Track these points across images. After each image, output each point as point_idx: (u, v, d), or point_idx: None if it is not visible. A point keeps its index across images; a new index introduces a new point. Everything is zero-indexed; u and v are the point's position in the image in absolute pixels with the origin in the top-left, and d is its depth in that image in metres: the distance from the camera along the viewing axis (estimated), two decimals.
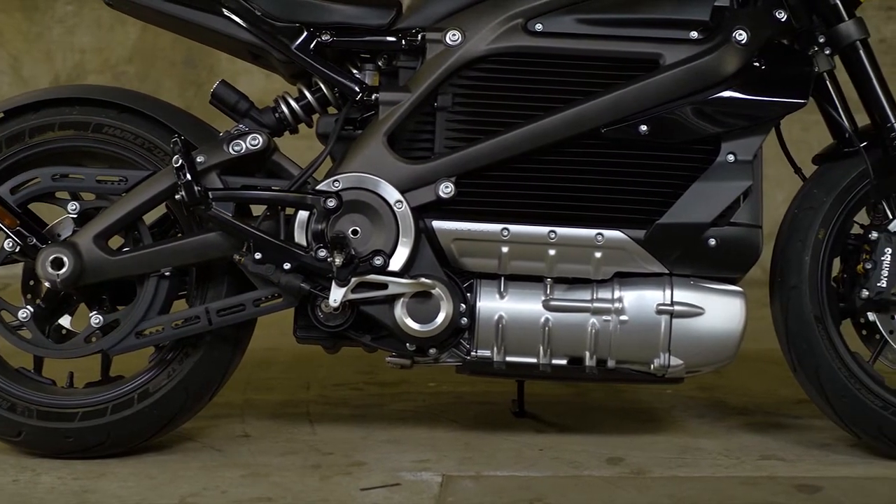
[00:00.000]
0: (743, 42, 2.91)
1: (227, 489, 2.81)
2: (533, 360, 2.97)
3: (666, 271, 2.95)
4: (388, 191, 2.92)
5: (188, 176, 2.86)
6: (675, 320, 2.93)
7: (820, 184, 3.05)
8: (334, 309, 2.91)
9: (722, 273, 2.97)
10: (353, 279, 2.89)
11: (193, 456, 3.01)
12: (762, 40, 2.94)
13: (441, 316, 2.92)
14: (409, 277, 2.91)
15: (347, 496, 2.77)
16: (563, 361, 2.98)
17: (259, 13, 2.98)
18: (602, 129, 2.91)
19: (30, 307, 2.98)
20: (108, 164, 3.00)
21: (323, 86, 3.04)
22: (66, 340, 3.02)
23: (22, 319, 2.97)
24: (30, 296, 3.03)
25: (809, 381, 3.02)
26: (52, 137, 2.99)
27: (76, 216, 2.98)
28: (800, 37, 3.02)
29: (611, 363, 2.97)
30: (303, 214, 2.93)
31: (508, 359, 2.97)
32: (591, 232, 2.93)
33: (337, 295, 2.89)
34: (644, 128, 2.91)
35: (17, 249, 2.95)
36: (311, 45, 2.98)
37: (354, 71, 3.03)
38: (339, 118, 2.99)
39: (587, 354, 2.96)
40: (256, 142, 2.95)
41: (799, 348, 3.01)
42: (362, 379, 3.73)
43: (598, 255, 2.93)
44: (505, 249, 2.94)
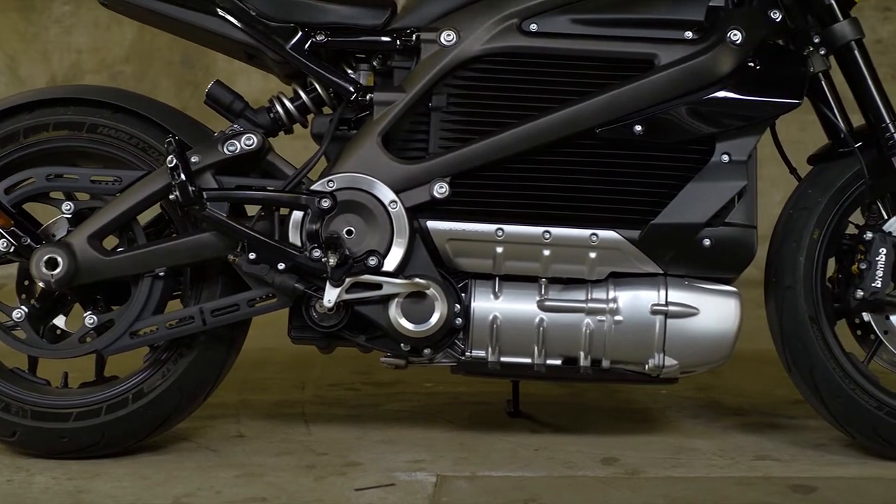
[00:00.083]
0: (738, 42, 2.91)
1: (221, 489, 2.80)
2: (527, 361, 2.97)
3: (660, 271, 2.95)
4: (383, 191, 2.92)
5: (182, 176, 2.86)
6: (669, 320, 2.93)
7: (815, 184, 3.05)
8: (329, 309, 2.90)
9: (716, 273, 2.97)
10: (347, 279, 2.89)
11: (188, 456, 3.01)
12: (757, 40, 2.94)
13: (435, 316, 2.92)
14: (404, 278, 2.91)
15: (342, 496, 2.77)
16: (558, 362, 2.98)
17: (254, 13, 2.98)
18: (597, 129, 2.91)
19: (24, 307, 2.98)
20: (102, 165, 3.00)
21: (317, 86, 3.04)
22: (61, 340, 3.02)
23: (16, 319, 2.97)
24: (24, 296, 3.03)
25: (804, 381, 3.02)
26: (47, 137, 2.99)
27: (70, 216, 2.98)
28: (795, 37, 3.02)
29: (605, 363, 2.97)
30: (297, 215, 2.93)
31: (503, 359, 2.97)
32: (585, 232, 2.93)
33: (331, 295, 2.89)
34: (639, 128, 2.91)
35: (12, 250, 2.95)
36: (306, 46, 2.98)
37: (349, 71, 3.03)
38: (333, 118, 2.99)
39: (582, 355, 2.96)
40: (251, 142, 2.95)
41: (794, 348, 3.01)
42: (358, 379, 3.72)
43: (592, 255, 2.93)
44: (499, 250, 2.94)
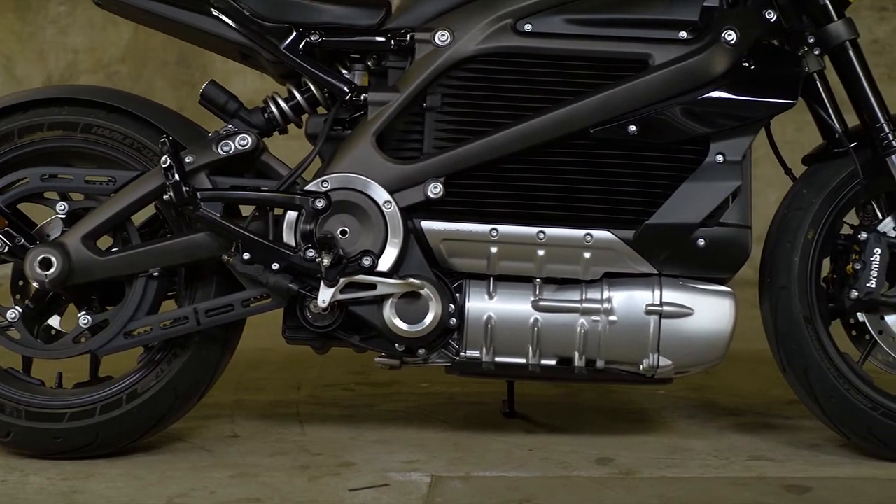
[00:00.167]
0: (732, 42, 2.91)
1: (215, 489, 2.80)
2: (522, 361, 2.97)
3: (655, 272, 2.95)
4: (377, 191, 2.92)
5: (176, 176, 2.86)
6: (664, 321, 2.93)
7: (809, 184, 3.05)
8: (323, 309, 2.90)
9: (711, 273, 2.97)
10: (341, 280, 2.89)
11: (182, 456, 3.01)
12: (751, 40, 2.94)
13: (430, 316, 2.92)
14: (398, 278, 2.91)
15: (336, 497, 2.77)
16: (553, 362, 2.98)
17: (248, 13, 2.97)
18: (591, 129, 2.91)
19: (18, 307, 2.98)
20: (96, 165, 3.00)
21: (312, 86, 3.04)
22: (55, 341, 3.02)
23: (10, 320, 2.97)
24: (19, 296, 3.02)
25: (799, 381, 3.02)
26: (41, 138, 2.99)
27: (65, 216, 2.97)
28: (789, 37, 3.02)
29: (600, 364, 2.97)
30: (291, 215, 2.93)
31: (497, 359, 2.97)
32: (579, 232, 2.92)
33: (325, 295, 2.89)
34: (633, 128, 2.91)
35: (6, 250, 2.95)
36: (301, 46, 2.98)
37: (344, 71, 3.03)
38: (328, 118, 2.99)
39: (576, 355, 2.96)
40: (245, 142, 2.95)
41: (788, 349, 3.01)
42: (353, 379, 3.72)
43: (587, 255, 2.93)
44: (494, 250, 2.94)
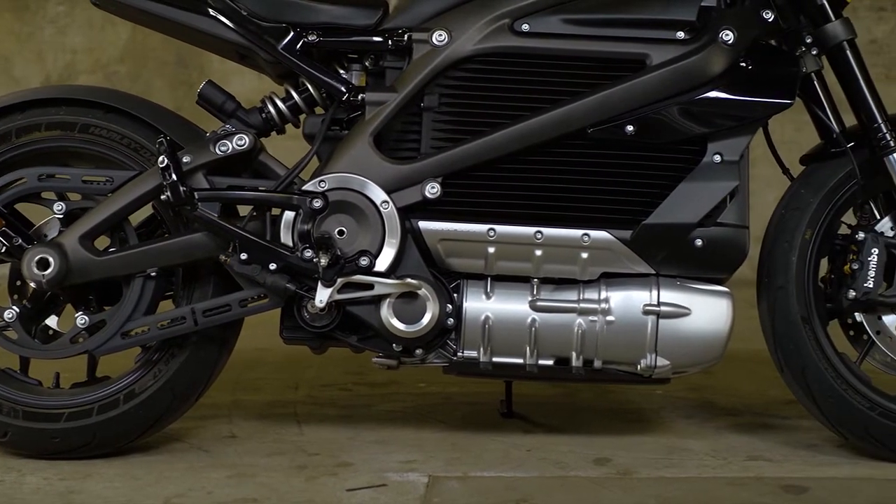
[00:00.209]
0: (730, 42, 2.91)
1: (212, 490, 2.80)
2: (519, 361, 2.97)
3: (652, 272, 2.95)
4: (375, 191, 2.92)
5: (174, 176, 2.86)
6: (661, 321, 2.93)
7: (807, 184, 3.05)
8: (320, 309, 2.90)
9: (708, 273, 2.97)
10: (338, 280, 2.89)
11: (179, 457, 3.01)
12: (749, 40, 2.94)
13: (427, 316, 2.91)
14: (396, 278, 2.91)
15: (333, 497, 2.77)
16: (550, 362, 2.98)
17: (245, 13, 2.97)
18: (588, 129, 2.91)
19: (16, 307, 2.98)
20: (94, 165, 3.00)
21: (309, 86, 3.04)
22: (53, 341, 3.02)
23: (8, 320, 2.97)
24: (16, 296, 3.02)
25: (796, 381, 3.02)
26: (39, 138, 2.99)
27: (62, 216, 2.97)
28: (787, 37, 3.02)
29: (597, 364, 2.97)
30: (289, 215, 2.93)
31: (495, 359, 2.97)
32: (577, 232, 2.92)
33: (323, 295, 2.89)
34: (630, 128, 2.91)
35: (3, 250, 2.94)
36: (298, 46, 2.98)
37: (341, 71, 3.03)
38: (325, 118, 2.98)
39: (574, 355, 2.96)
40: (243, 142, 2.95)
41: (786, 349, 3.01)
42: (351, 379, 3.72)
43: (584, 255, 2.93)
44: (491, 250, 2.93)
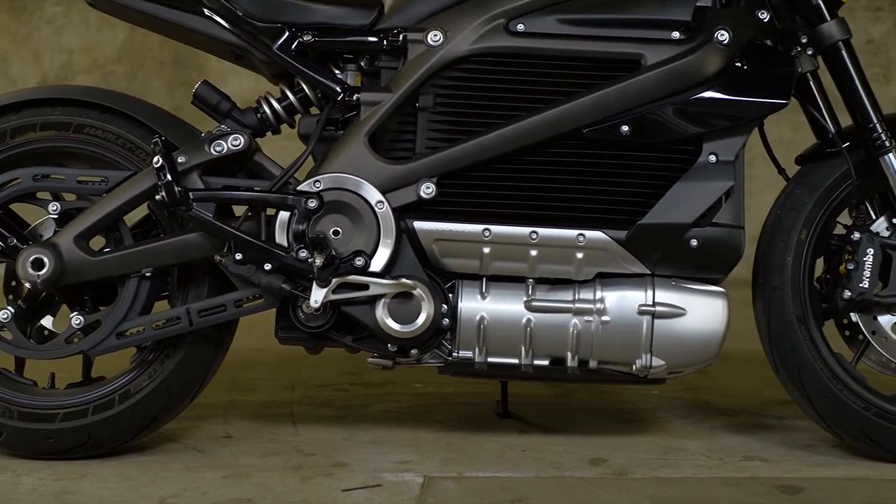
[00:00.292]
0: (725, 42, 2.90)
1: (207, 490, 2.80)
2: (515, 361, 2.97)
3: (648, 272, 2.94)
4: (370, 191, 2.91)
5: (169, 176, 2.86)
6: (656, 321, 2.93)
7: (802, 184, 3.05)
8: (315, 310, 2.90)
9: (704, 274, 2.97)
10: (333, 280, 2.89)
11: (175, 457, 3.01)
12: (744, 40, 2.94)
13: (422, 317, 2.91)
14: (390, 278, 2.91)
15: (328, 497, 2.76)
16: (545, 362, 2.98)
17: (241, 13, 2.97)
18: (584, 129, 2.91)
19: (11, 308, 2.98)
20: (89, 165, 3.00)
21: (305, 86, 3.03)
22: (48, 341, 3.01)
23: (3, 320, 2.97)
24: (11, 296, 3.02)
25: (791, 381, 3.01)
26: (34, 138, 2.99)
27: (57, 217, 2.97)
28: (782, 37, 3.02)
29: (593, 364, 2.97)
30: (284, 215, 2.92)
31: (490, 359, 2.97)
32: (572, 232, 2.92)
33: (318, 296, 2.89)
34: (626, 128, 2.90)
35: None
36: (293, 46, 2.98)
37: (336, 71, 3.03)
38: (320, 118, 2.98)
39: (569, 355, 2.96)
40: (238, 142, 2.95)
41: (781, 349, 3.01)
42: (347, 380, 3.72)
43: (579, 255, 2.93)
44: (486, 250, 2.93)
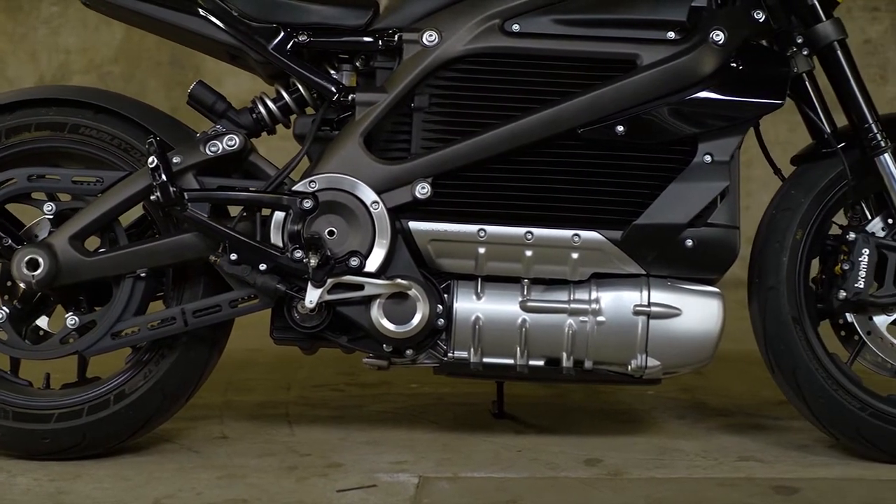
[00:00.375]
0: (720, 42, 2.90)
1: (202, 490, 2.80)
2: (510, 362, 2.97)
3: (643, 272, 2.94)
4: (365, 192, 2.91)
5: (163, 177, 2.86)
6: (652, 321, 2.93)
7: (798, 184, 3.05)
8: (310, 310, 2.90)
9: (699, 274, 2.96)
10: (329, 280, 2.89)
11: (170, 457, 3.01)
12: (740, 41, 2.93)
13: (417, 317, 2.91)
14: (386, 278, 2.91)
15: (323, 497, 2.76)
16: (541, 362, 2.98)
17: (236, 13, 2.97)
18: (579, 129, 2.91)
19: (6, 308, 2.98)
20: (84, 165, 2.99)
21: (300, 86, 3.03)
22: (43, 341, 3.01)
23: None
24: (6, 297, 3.02)
25: (787, 382, 3.01)
26: (29, 138, 2.98)
27: (52, 217, 2.97)
28: (778, 37, 3.02)
29: (588, 364, 2.97)
30: (279, 215, 2.92)
31: (485, 360, 2.97)
32: (567, 233, 2.92)
33: (313, 296, 2.89)
34: (621, 128, 2.90)
35: None
36: (288, 46, 2.98)
37: (332, 71, 3.03)
38: (315, 119, 2.98)
39: (564, 355, 2.95)
40: (233, 142, 2.95)
41: (777, 349, 3.00)
42: (343, 380, 3.72)
43: (574, 255, 2.93)
44: (482, 250, 2.93)
